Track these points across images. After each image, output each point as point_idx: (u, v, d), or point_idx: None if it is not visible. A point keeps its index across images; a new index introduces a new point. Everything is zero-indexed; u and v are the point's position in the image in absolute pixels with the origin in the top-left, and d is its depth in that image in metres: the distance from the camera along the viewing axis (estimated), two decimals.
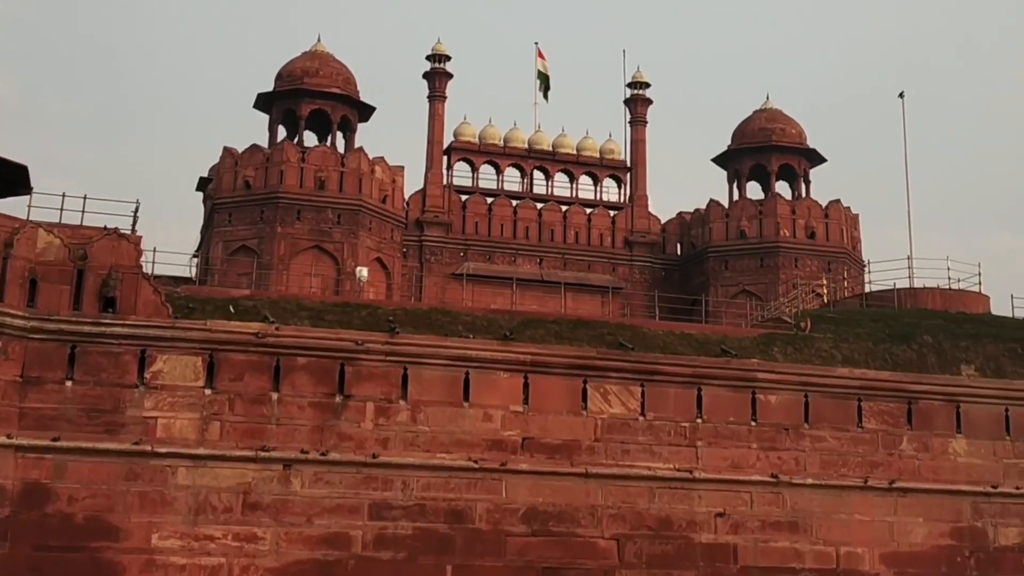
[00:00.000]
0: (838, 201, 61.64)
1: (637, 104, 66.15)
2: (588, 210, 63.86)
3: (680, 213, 65.33)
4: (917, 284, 42.81)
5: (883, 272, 49.71)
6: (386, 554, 29.92)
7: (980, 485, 34.19)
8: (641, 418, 32.63)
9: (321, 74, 58.90)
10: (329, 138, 59.01)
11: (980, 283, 42.78)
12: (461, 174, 63.75)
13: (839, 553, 32.67)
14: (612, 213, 64.18)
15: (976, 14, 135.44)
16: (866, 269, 53.27)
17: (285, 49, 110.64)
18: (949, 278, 42.40)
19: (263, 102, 59.31)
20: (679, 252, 64.46)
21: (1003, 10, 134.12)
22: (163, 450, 29.44)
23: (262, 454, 29.91)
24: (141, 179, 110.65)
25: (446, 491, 30.69)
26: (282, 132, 59.21)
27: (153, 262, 37.25)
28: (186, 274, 50.41)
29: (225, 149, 56.94)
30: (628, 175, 65.49)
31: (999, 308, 41.65)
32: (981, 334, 37.57)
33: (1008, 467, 34.62)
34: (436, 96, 62.91)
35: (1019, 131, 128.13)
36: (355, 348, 31.24)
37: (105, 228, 31.20)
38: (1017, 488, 34.40)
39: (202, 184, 60.51)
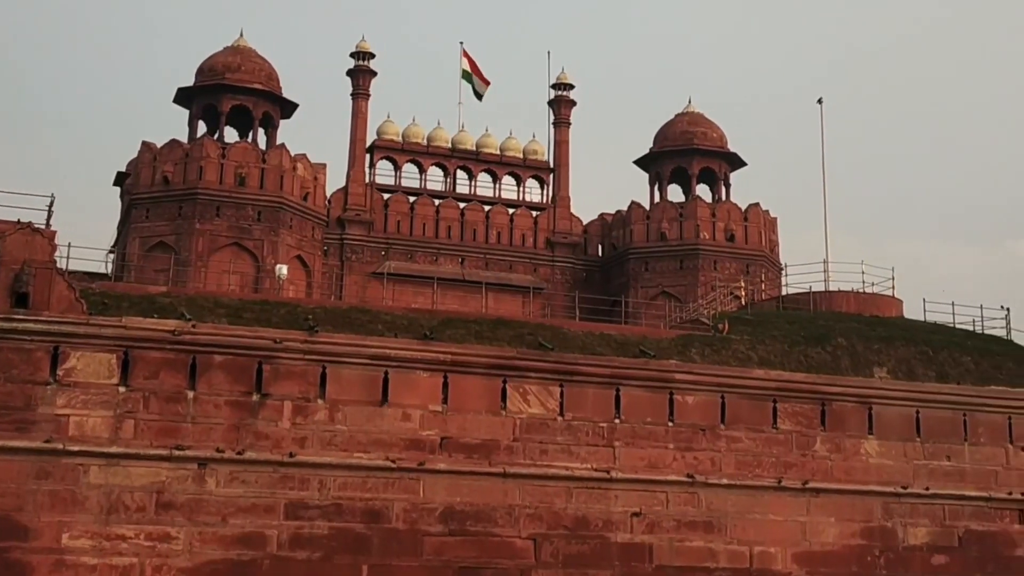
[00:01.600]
0: (757, 204, 62.39)
1: (561, 105, 66.41)
2: (511, 210, 63.97)
3: (602, 214, 65.71)
4: (832, 287, 43.45)
5: (800, 275, 50.64)
6: (302, 554, 29.73)
7: (891, 486, 34.80)
8: (560, 418, 32.76)
9: (243, 69, 58.32)
10: (250, 134, 58.43)
11: (893, 287, 43.56)
12: (384, 173, 63.55)
13: (753, 552, 33.07)
14: (534, 214, 64.36)
15: (895, 21, 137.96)
16: (783, 272, 54.10)
17: (206, 43, 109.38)
18: (863, 282, 43.09)
19: (183, 97, 58.58)
20: (600, 253, 64.82)
21: (922, 17, 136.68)
22: (75, 448, 28.97)
23: (177, 453, 29.56)
24: (56, 173, 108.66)
25: (363, 491, 30.56)
26: (202, 127, 58.54)
27: (68, 257, 36.70)
28: (102, 270, 49.68)
29: (144, 144, 56.14)
30: (551, 176, 65.72)
31: (911, 312, 42.46)
32: (894, 337, 38.22)
33: (918, 468, 35.27)
34: (360, 94, 62.60)
35: (933, 138, 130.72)
36: (273, 346, 31.00)
37: (18, 222, 30.62)
38: (927, 489, 35.05)
39: (120, 179, 59.58)
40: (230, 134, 59.08)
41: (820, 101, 54.04)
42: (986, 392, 36.72)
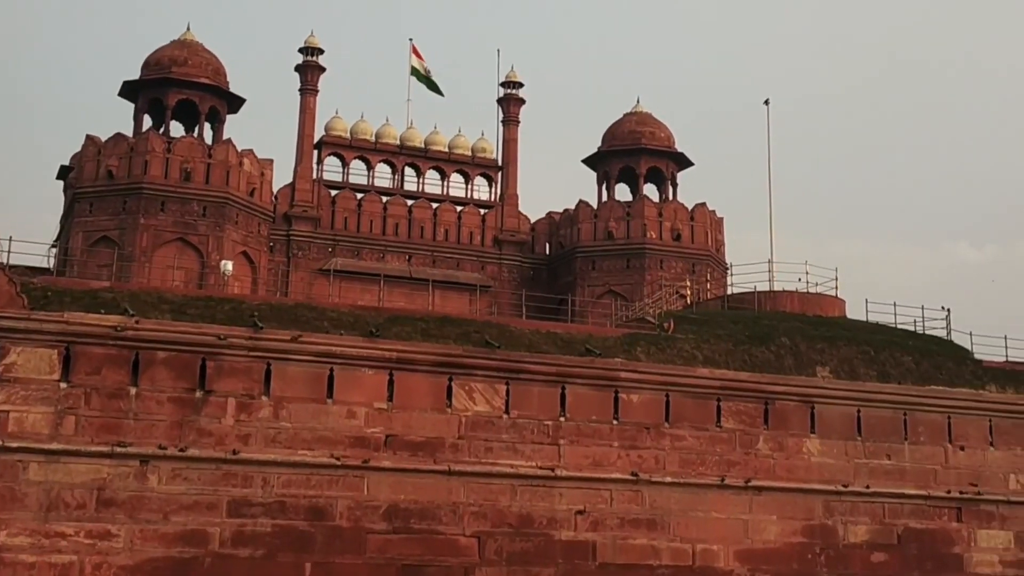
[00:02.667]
0: (704, 204, 62.77)
1: (510, 103, 66.45)
2: (458, 208, 63.93)
3: (550, 213, 65.82)
4: (777, 287, 43.70)
5: (745, 275, 50.92)
6: (244, 552, 29.57)
7: (832, 484, 35.18)
8: (505, 416, 32.81)
9: (190, 63, 57.84)
10: (197, 129, 57.94)
11: (837, 287, 43.92)
12: (331, 169, 63.28)
13: (695, 550, 33.30)
14: (482, 211, 64.35)
15: (841, 25, 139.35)
16: (729, 271, 54.45)
17: (153, 37, 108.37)
18: (807, 282, 43.38)
19: (129, 90, 57.98)
20: (548, 252, 64.93)
21: (867, 22, 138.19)
22: (14, 445, 28.64)
23: (118, 449, 29.29)
24: None
25: (307, 488, 30.45)
26: (148, 122, 57.97)
27: (8, 252, 36.28)
28: (44, 264, 49.02)
29: (88, 137, 55.53)
30: (499, 174, 65.74)
31: (854, 312, 42.84)
32: (836, 337, 38.58)
33: (859, 467, 35.68)
34: (308, 89, 62.28)
35: (875, 140, 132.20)
36: (217, 343, 30.81)
37: None
38: (867, 487, 35.47)
39: (63, 172, 58.92)
40: (176, 128, 58.62)
41: (767, 102, 54.44)
42: (926, 392, 37.21)
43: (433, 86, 65.43)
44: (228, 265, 49.75)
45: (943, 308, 42.61)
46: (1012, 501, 36.91)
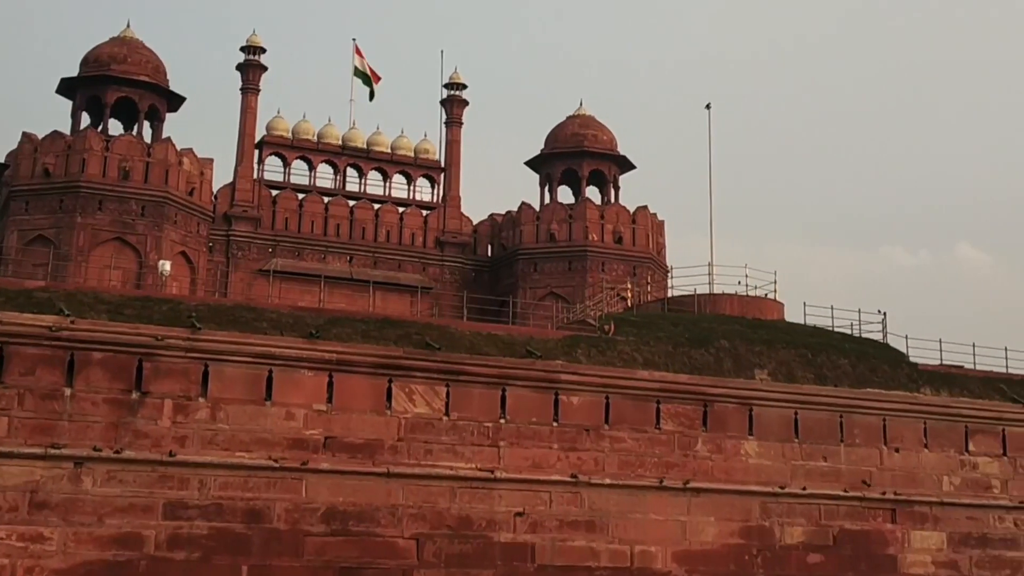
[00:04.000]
0: (645, 207, 63.13)
1: (453, 105, 66.49)
2: (401, 209, 63.90)
3: (492, 215, 65.93)
4: (716, 290, 43.91)
5: (685, 277, 51.15)
6: (180, 554, 29.23)
7: (769, 486, 35.42)
8: (445, 418, 32.71)
9: (129, 61, 57.36)
10: (136, 127, 57.51)
11: (775, 290, 44.20)
12: (272, 169, 63.03)
13: (633, 552, 33.38)
14: (425, 213, 64.34)
15: (782, 31, 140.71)
16: (669, 274, 54.66)
17: (92, 33, 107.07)
18: (747, 285, 43.68)
19: (67, 88, 57.38)
20: (490, 253, 65.03)
21: (808, 27, 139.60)
22: None
23: (52, 451, 28.84)
24: None
25: (244, 490, 30.15)
26: (86, 119, 57.47)
27: None
28: None
29: (24, 134, 54.91)
30: (442, 175, 65.78)
31: (792, 315, 43.18)
32: (775, 340, 38.86)
33: (796, 468, 35.97)
34: (249, 89, 61.99)
35: (814, 145, 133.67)
36: (154, 344, 30.43)
37: None
38: (803, 488, 35.76)
39: None
40: (115, 127, 58.18)
41: (708, 106, 54.67)
42: (862, 394, 37.57)
43: (369, 87, 65.31)
44: (166, 265, 49.29)
45: (879, 312, 43.10)
46: (945, 502, 37.37)
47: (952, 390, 39.14)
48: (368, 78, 65.21)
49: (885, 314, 42.87)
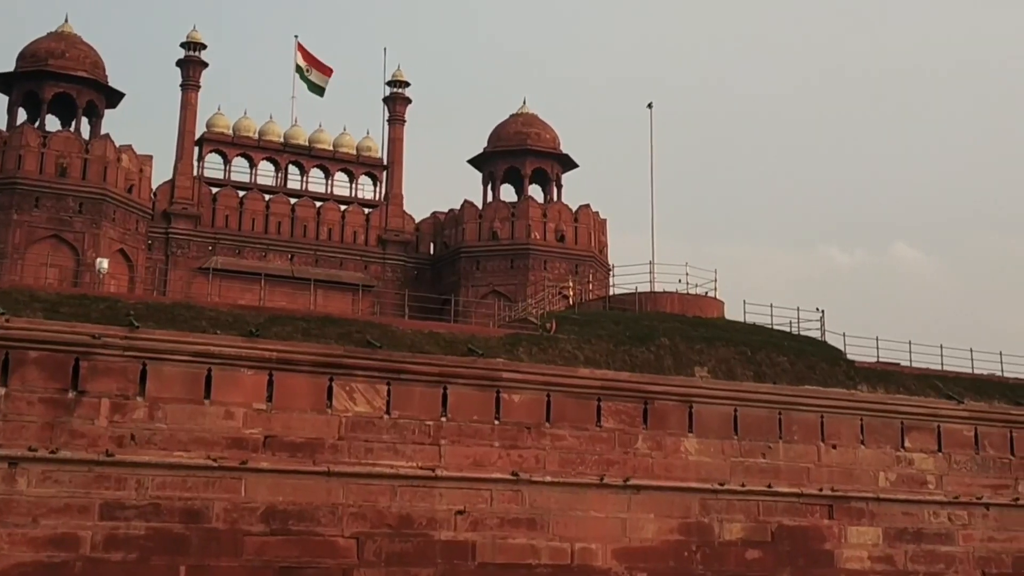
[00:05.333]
0: (587, 206, 63.34)
1: (396, 103, 66.34)
2: (343, 207, 63.64)
3: (435, 213, 65.86)
4: (657, 288, 44.10)
5: (627, 276, 51.40)
6: (117, 555, 28.93)
7: (708, 482, 35.67)
8: (386, 416, 32.64)
9: (67, 56, 56.68)
10: (73, 123, 56.86)
11: (716, 289, 44.52)
12: (213, 166, 62.52)
13: (574, 549, 33.48)
14: (367, 211, 64.12)
15: (723, 31, 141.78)
16: (611, 272, 54.97)
17: (29, 28, 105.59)
18: (687, 283, 43.90)
19: (3, 83, 56.68)
20: (432, 252, 64.96)
21: (748, 29, 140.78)
22: None
23: None
24: None
25: (183, 490, 29.90)
26: (23, 115, 56.67)
27: None
28: None
29: None
30: (384, 173, 65.61)
31: (732, 313, 43.49)
32: (715, 337, 39.14)
33: (735, 465, 36.26)
34: (189, 85, 61.45)
35: (752, 145, 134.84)
36: (91, 342, 30.10)
37: None
38: (742, 485, 36.05)
39: None
40: (52, 123, 57.43)
41: (650, 106, 54.88)
42: (800, 392, 37.95)
43: (315, 87, 64.97)
44: (103, 263, 48.72)
45: (817, 310, 43.55)
46: (881, 498, 37.84)
47: (888, 387, 39.64)
48: (311, 81, 64.83)
49: (823, 312, 43.36)
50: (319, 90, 65.35)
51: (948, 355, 42.75)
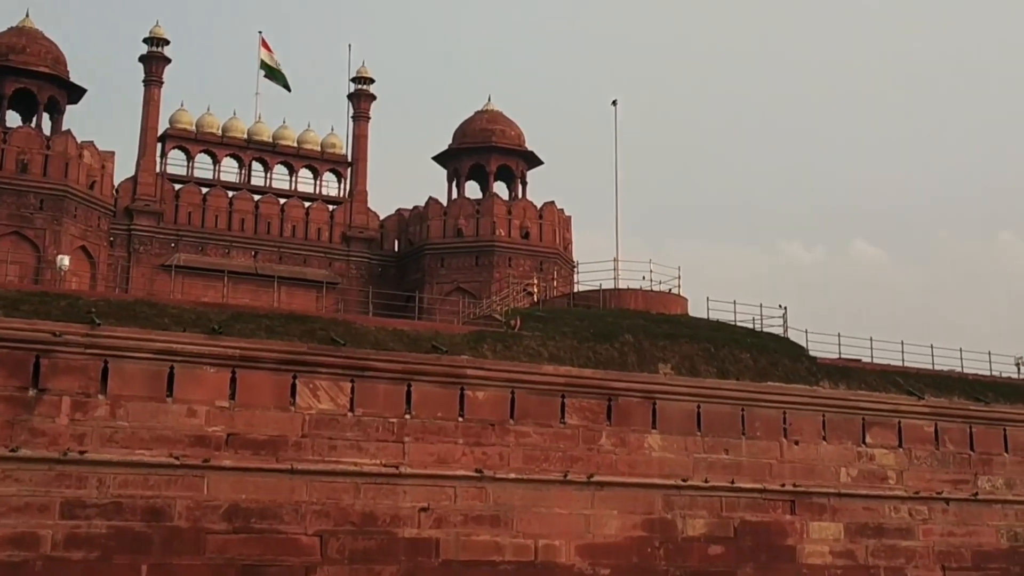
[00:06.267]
0: (552, 203, 63.41)
1: (361, 99, 66.15)
2: (307, 204, 63.43)
3: (399, 210, 65.73)
4: (622, 285, 44.30)
5: (591, 273, 51.62)
6: (77, 554, 28.73)
7: (672, 478, 35.81)
8: (350, 414, 32.56)
9: (28, 51, 56.21)
10: (35, 119, 56.36)
11: (679, 286, 44.75)
12: (176, 163, 62.15)
13: (537, 546, 33.53)
14: (331, 208, 63.92)
15: (685, 28, 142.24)
16: (575, 270, 55.03)
17: None
18: (651, 280, 44.11)
19: None
20: (397, 249, 64.85)
21: (710, 27, 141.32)
22: None
23: None
24: None
25: (145, 488, 29.72)
26: None
27: None
28: None
29: None
30: (349, 170, 65.43)
31: (696, 310, 43.74)
32: (678, 334, 39.28)
33: (698, 461, 36.41)
34: (152, 81, 61.03)
35: (716, 143, 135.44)
36: (52, 340, 29.87)
37: None
38: (705, 481, 36.22)
39: None
40: (12, 118, 56.89)
41: (615, 103, 54.99)
42: (763, 388, 38.18)
43: (282, 80, 64.67)
44: (64, 260, 48.29)
45: (780, 307, 43.86)
46: (843, 494, 38.12)
47: (850, 383, 39.94)
48: (278, 71, 64.54)
49: (786, 309, 43.69)
50: (285, 83, 65.04)
51: (909, 351, 43.20)
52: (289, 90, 65.03)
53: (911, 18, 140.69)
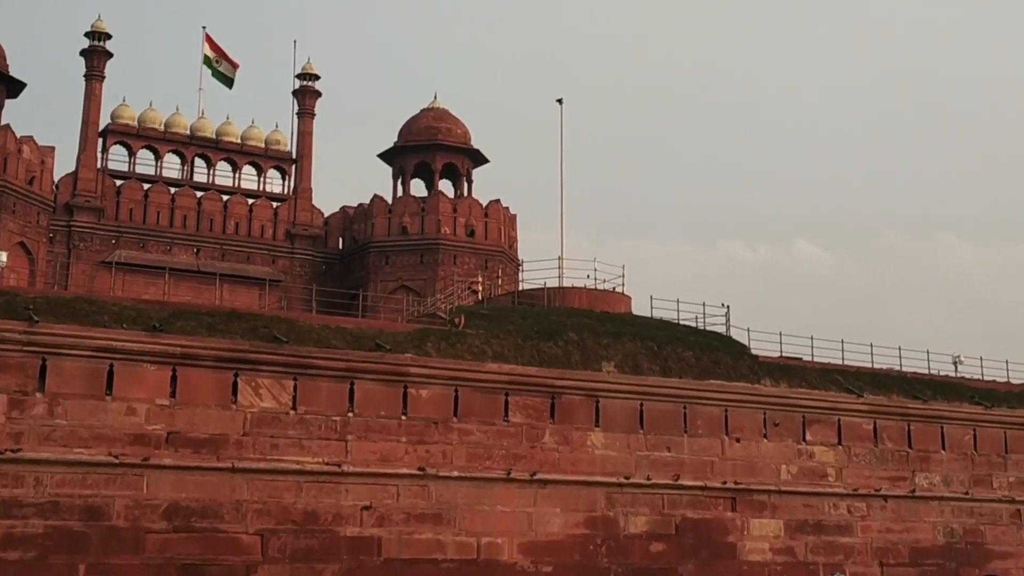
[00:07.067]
0: (498, 201, 63.44)
1: (306, 96, 65.85)
2: (250, 201, 63.02)
3: (344, 207, 65.51)
4: (566, 284, 44.39)
5: (536, 271, 51.60)
6: (14, 554, 28.33)
7: (614, 476, 35.95)
8: (292, 412, 32.39)
9: None
10: None
11: (623, 284, 44.88)
12: (117, 158, 61.54)
13: (480, 543, 33.55)
14: (275, 205, 63.56)
15: (631, 27, 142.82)
16: (520, 268, 55.12)
17: None
18: (595, 279, 44.22)
19: None
20: (341, 246, 64.61)
21: (654, 26, 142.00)
22: None
23: None
24: None
25: (83, 487, 29.38)
26: None
27: None
28: None
29: None
30: (293, 167, 65.10)
31: (639, 308, 43.89)
32: (622, 332, 39.42)
33: (640, 459, 36.57)
34: (94, 75, 60.38)
35: (659, 143, 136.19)
36: None
37: None
38: (647, 478, 36.39)
39: None
40: None
41: (560, 101, 55.07)
42: (705, 386, 38.42)
43: (225, 80, 64.16)
44: (2, 256, 47.42)
45: (723, 305, 44.13)
46: (783, 491, 38.47)
47: (791, 381, 40.29)
48: (220, 72, 64.00)
49: (728, 308, 43.95)
50: (228, 81, 64.53)
51: (849, 350, 43.65)
52: (230, 87, 64.50)
53: (845, 14, 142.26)
